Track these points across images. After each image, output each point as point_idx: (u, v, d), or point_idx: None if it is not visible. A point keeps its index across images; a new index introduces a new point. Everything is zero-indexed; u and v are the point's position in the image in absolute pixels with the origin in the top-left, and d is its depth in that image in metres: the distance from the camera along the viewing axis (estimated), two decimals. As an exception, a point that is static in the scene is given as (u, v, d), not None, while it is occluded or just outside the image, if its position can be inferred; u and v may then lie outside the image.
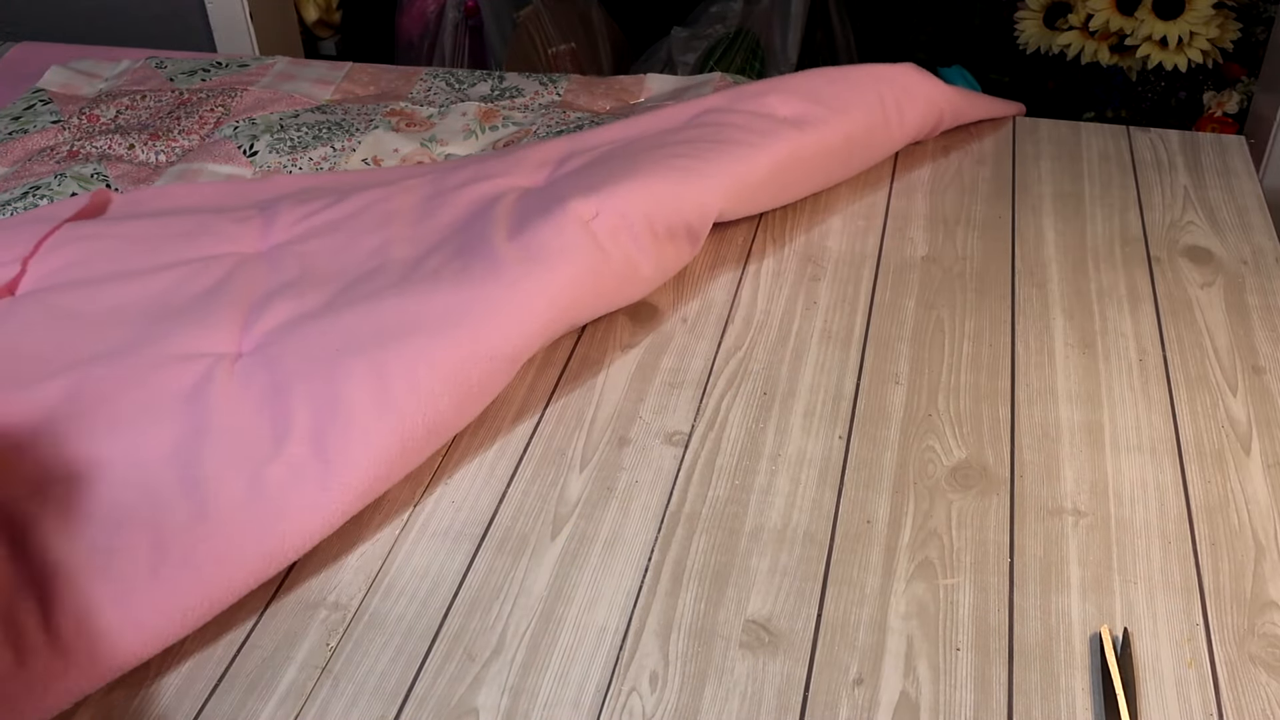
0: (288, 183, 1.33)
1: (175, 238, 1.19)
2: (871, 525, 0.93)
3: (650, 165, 1.18)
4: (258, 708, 0.80)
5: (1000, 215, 1.31)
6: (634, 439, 1.02)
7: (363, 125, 1.47)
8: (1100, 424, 1.02)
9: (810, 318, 1.16)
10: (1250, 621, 0.85)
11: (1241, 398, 1.05)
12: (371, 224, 1.19)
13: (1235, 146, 1.44)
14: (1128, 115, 2.18)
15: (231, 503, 0.88)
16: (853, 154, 1.33)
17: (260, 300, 1.08)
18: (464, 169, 1.28)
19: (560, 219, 1.09)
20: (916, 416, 1.03)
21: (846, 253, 1.25)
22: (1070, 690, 0.80)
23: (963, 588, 0.88)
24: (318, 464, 0.90)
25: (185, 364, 0.99)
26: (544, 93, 1.57)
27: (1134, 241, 1.26)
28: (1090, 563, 0.89)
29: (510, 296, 1.02)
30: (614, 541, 0.92)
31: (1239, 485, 0.96)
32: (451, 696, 0.81)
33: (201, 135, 1.46)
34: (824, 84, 1.35)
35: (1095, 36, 2.12)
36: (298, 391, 0.95)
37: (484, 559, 0.91)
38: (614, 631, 0.85)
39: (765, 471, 0.98)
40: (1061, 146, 1.44)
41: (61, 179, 1.34)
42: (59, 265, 1.14)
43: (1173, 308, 1.16)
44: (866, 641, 0.84)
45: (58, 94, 1.57)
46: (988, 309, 1.16)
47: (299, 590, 0.89)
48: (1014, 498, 0.95)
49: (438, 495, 0.97)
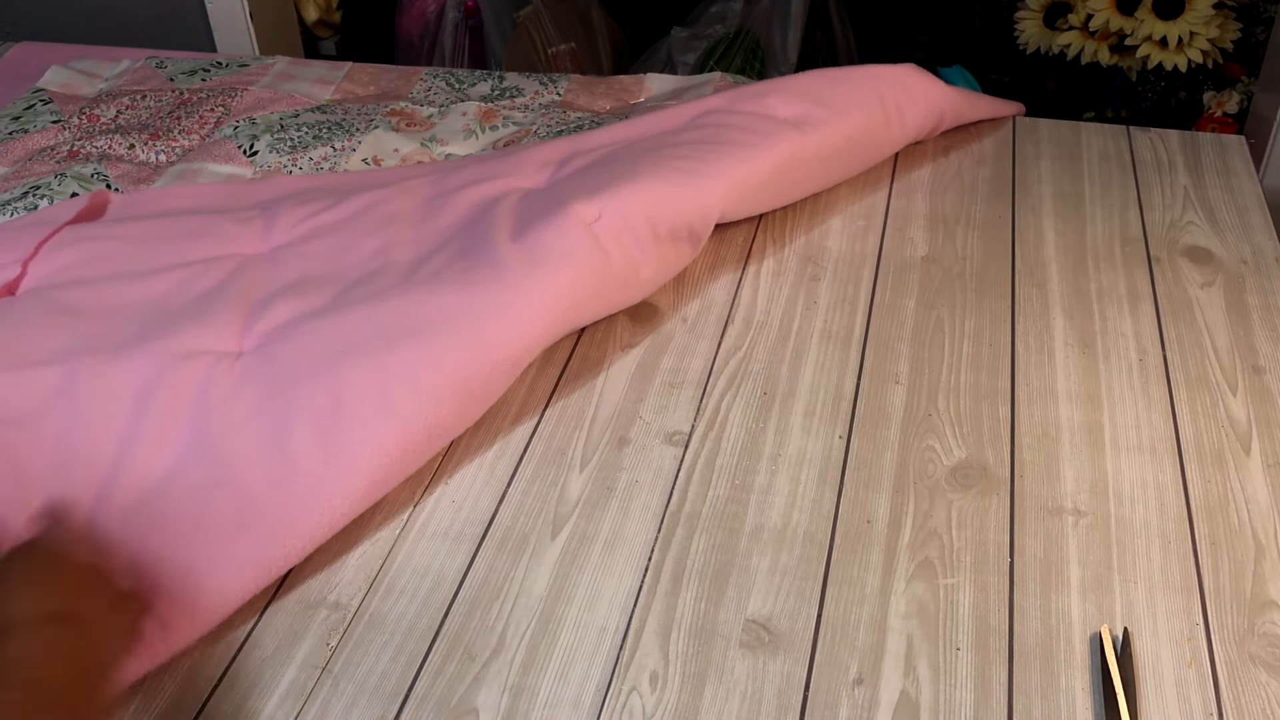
0: (288, 183, 1.33)
1: (176, 239, 1.19)
2: (871, 525, 0.93)
3: (652, 167, 1.18)
4: (258, 707, 0.80)
5: (1000, 215, 1.31)
6: (634, 439, 1.02)
7: (363, 125, 1.47)
8: (1100, 424, 1.02)
9: (810, 318, 1.16)
10: (1250, 621, 0.85)
11: (1241, 398, 1.05)
12: (373, 225, 1.19)
13: (1235, 146, 1.44)
14: (1128, 115, 2.18)
15: (233, 506, 0.88)
16: (853, 155, 1.33)
17: (261, 301, 1.08)
18: (465, 170, 1.28)
19: (563, 221, 1.09)
20: (916, 416, 1.03)
21: (846, 253, 1.25)
22: (1070, 690, 0.80)
23: (963, 588, 0.88)
24: (320, 466, 0.90)
25: (185, 361, 0.99)
26: (544, 93, 1.57)
27: (1134, 241, 1.26)
28: (1090, 562, 0.90)
29: (513, 299, 1.02)
30: (614, 541, 0.92)
31: (1239, 485, 0.96)
32: (451, 696, 0.81)
33: (202, 135, 1.46)
34: (825, 85, 1.35)
35: (1095, 36, 2.12)
36: (299, 391, 0.95)
37: (484, 559, 0.91)
38: (614, 631, 0.85)
39: (765, 471, 0.98)
40: (1061, 146, 1.44)
41: (61, 179, 1.34)
42: (59, 266, 1.14)
43: (1173, 308, 1.16)
44: (866, 641, 0.84)
45: (58, 94, 1.57)
46: (988, 309, 1.16)
47: (299, 590, 0.89)
48: (1014, 498, 0.95)
49: (438, 495, 0.97)
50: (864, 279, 1.21)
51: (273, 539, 0.87)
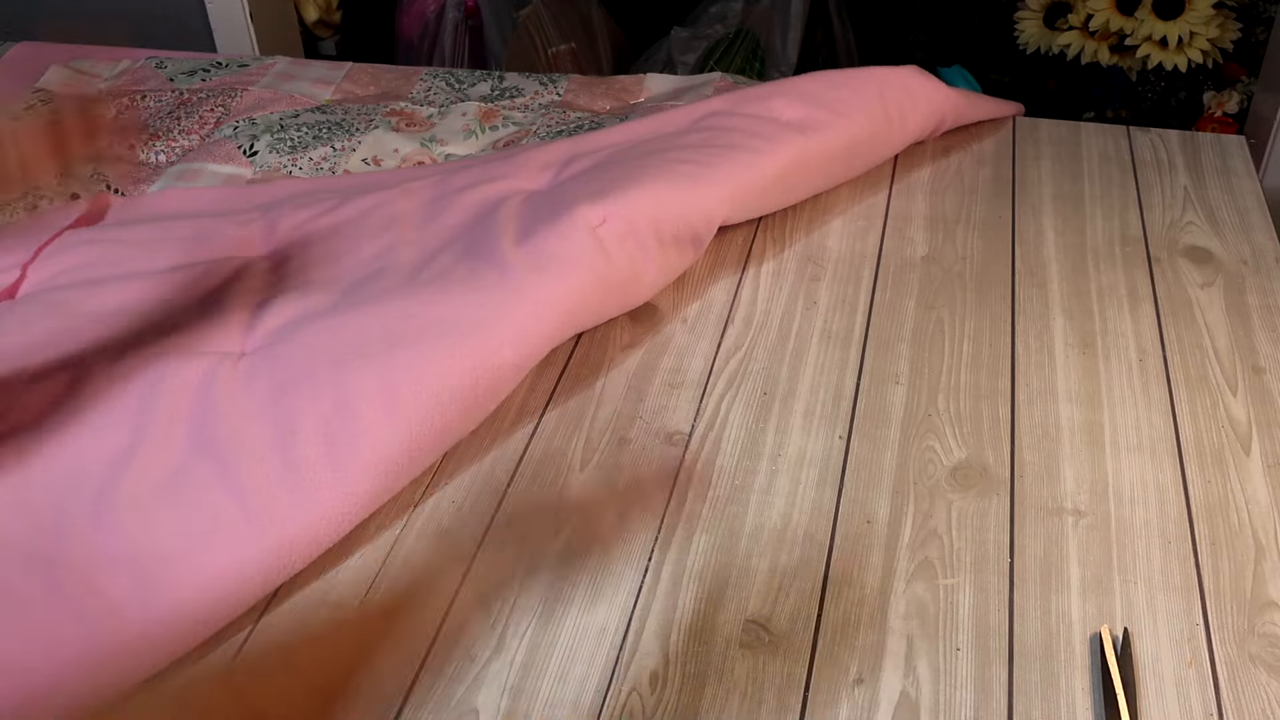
0: (289, 186, 1.33)
1: (177, 242, 1.18)
2: (871, 525, 0.93)
3: (656, 170, 1.18)
4: (258, 708, 0.80)
5: (1000, 215, 1.31)
6: (634, 439, 1.02)
7: (363, 125, 1.47)
8: (1100, 424, 1.02)
9: (810, 318, 1.16)
10: (1250, 621, 0.85)
11: (1241, 398, 1.05)
12: (375, 227, 1.19)
13: (1235, 146, 1.44)
14: (1128, 115, 2.18)
15: (237, 509, 0.88)
16: (855, 157, 1.33)
17: (263, 302, 1.08)
18: (466, 171, 1.28)
19: (567, 225, 1.09)
20: (916, 416, 1.03)
21: (846, 253, 1.25)
22: (1070, 690, 0.80)
23: (963, 588, 0.88)
24: (327, 474, 0.90)
25: (188, 363, 0.99)
26: (544, 93, 1.57)
27: (1134, 241, 1.26)
28: (1090, 563, 0.90)
29: (518, 303, 1.02)
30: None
31: (1239, 485, 0.96)
32: (451, 696, 0.81)
33: (201, 135, 1.46)
34: (827, 87, 1.35)
35: (1095, 36, 2.12)
36: (303, 394, 0.94)
37: (484, 559, 0.91)
38: (614, 631, 0.85)
39: (765, 471, 0.98)
40: (1061, 146, 1.44)
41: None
42: (60, 270, 1.14)
43: (1173, 308, 1.16)
44: (866, 641, 0.84)
45: (58, 94, 1.57)
46: (988, 309, 1.16)
47: (299, 591, 0.89)
48: (1014, 498, 0.95)
49: (438, 495, 0.97)
50: (864, 279, 1.21)
51: (278, 545, 0.87)
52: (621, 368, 1.10)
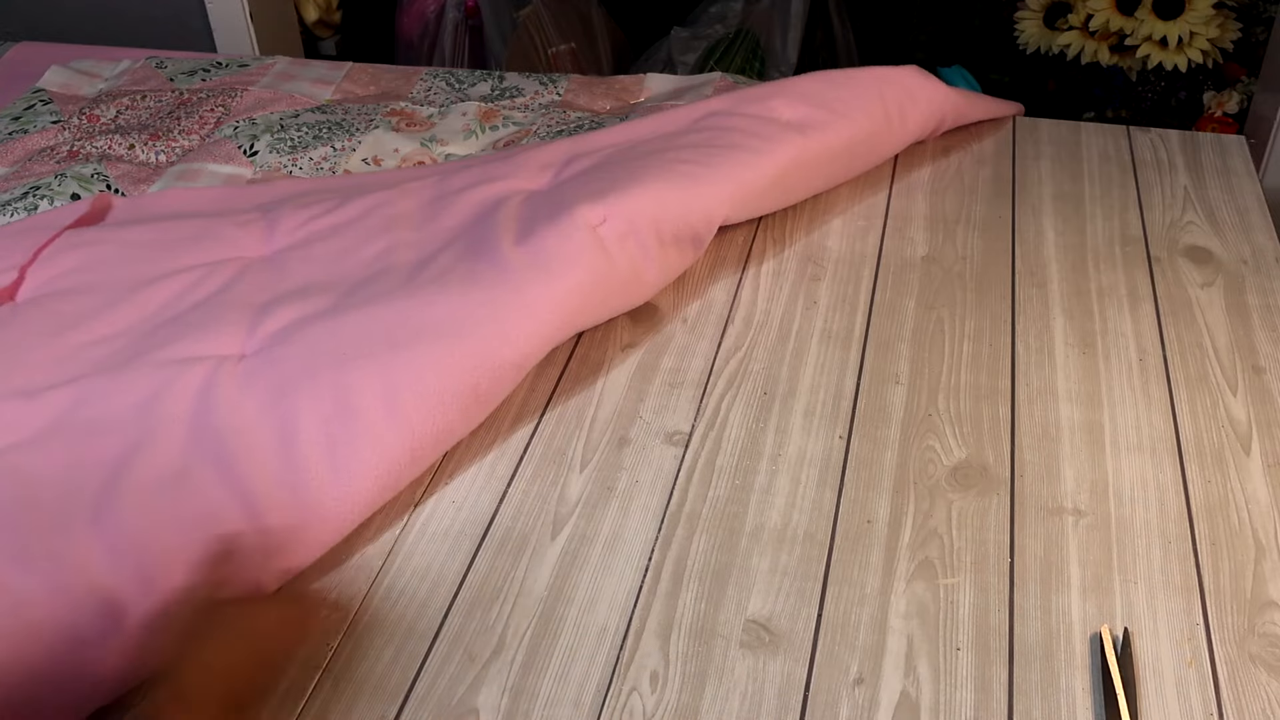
0: (289, 186, 1.33)
1: (177, 243, 1.18)
2: (871, 525, 0.93)
3: (657, 171, 1.18)
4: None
5: (1000, 215, 1.31)
6: (634, 439, 1.02)
7: (363, 125, 1.47)
8: (1100, 424, 1.02)
9: (810, 318, 1.16)
10: (1250, 621, 0.85)
11: (1241, 398, 1.05)
12: (375, 228, 1.19)
13: (1235, 146, 1.44)
14: (1128, 115, 2.18)
15: (239, 510, 0.88)
16: (855, 157, 1.33)
17: (264, 304, 1.08)
18: (466, 171, 1.28)
19: (568, 225, 1.09)
20: (916, 416, 1.03)
21: (846, 253, 1.25)
22: (1070, 690, 0.80)
23: (963, 588, 0.88)
24: (329, 475, 0.90)
25: (189, 365, 0.99)
26: (544, 93, 1.57)
27: (1134, 241, 1.26)
28: (1090, 562, 0.90)
29: (518, 304, 1.02)
30: (614, 541, 0.92)
31: (1239, 485, 0.96)
32: (451, 696, 0.81)
33: (202, 135, 1.46)
34: (827, 87, 1.35)
35: (1095, 36, 2.12)
36: (304, 395, 0.94)
37: (484, 559, 0.91)
38: (614, 631, 0.85)
39: (765, 471, 0.98)
40: (1061, 146, 1.44)
41: (62, 179, 1.34)
42: (61, 271, 1.14)
43: (1173, 308, 1.16)
44: (866, 641, 0.84)
45: (58, 94, 1.56)
46: (988, 309, 1.16)
47: (299, 590, 0.89)
48: (1014, 498, 0.95)
49: (438, 495, 0.97)
50: (864, 279, 1.21)
51: (279, 546, 0.87)
52: (621, 368, 1.10)
